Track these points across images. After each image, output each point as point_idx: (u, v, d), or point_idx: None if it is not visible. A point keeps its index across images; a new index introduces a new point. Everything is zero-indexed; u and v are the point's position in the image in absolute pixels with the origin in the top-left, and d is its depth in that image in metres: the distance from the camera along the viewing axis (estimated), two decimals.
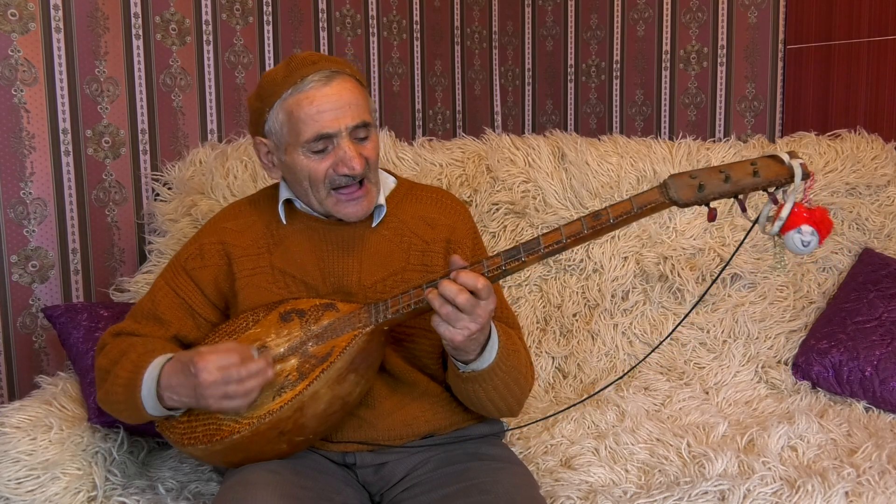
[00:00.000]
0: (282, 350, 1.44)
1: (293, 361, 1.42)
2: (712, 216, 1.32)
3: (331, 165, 1.48)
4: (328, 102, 1.45)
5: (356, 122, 1.47)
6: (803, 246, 1.31)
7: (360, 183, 1.51)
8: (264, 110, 1.50)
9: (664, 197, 1.31)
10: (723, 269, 1.58)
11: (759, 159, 1.32)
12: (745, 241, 2.31)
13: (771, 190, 1.31)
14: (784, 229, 1.30)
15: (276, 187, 1.65)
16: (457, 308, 1.31)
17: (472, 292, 1.31)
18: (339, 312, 1.45)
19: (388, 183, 1.63)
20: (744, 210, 1.32)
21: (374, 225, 1.57)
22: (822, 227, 1.31)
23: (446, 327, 1.33)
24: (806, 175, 1.30)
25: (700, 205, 1.32)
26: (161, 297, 1.59)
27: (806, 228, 1.30)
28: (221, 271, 1.58)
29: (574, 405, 1.87)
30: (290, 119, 1.47)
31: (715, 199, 1.31)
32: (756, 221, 1.35)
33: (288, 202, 1.59)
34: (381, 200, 1.57)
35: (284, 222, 1.58)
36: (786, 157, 1.31)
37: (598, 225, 1.33)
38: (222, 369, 1.34)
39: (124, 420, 1.55)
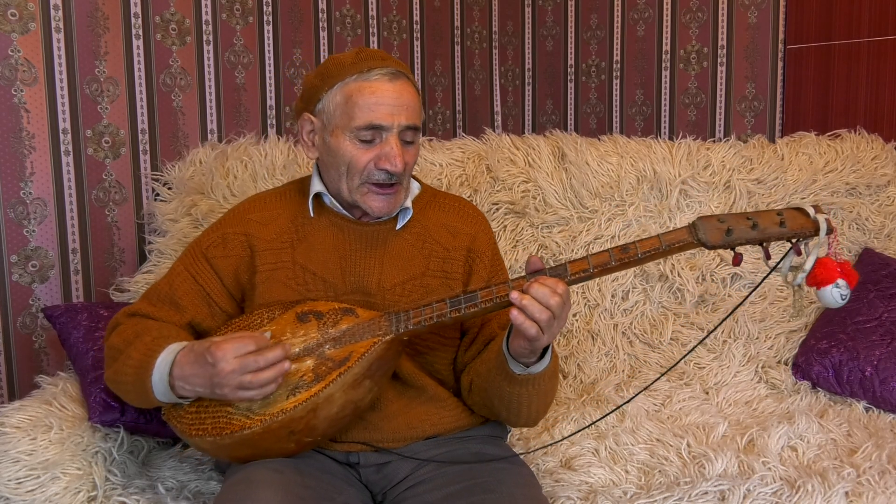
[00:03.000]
0: (297, 350, 1.44)
1: (309, 362, 1.42)
2: (737, 261, 1.36)
3: (372, 158, 1.49)
4: (388, 97, 1.48)
5: (409, 122, 1.50)
6: (842, 299, 1.36)
7: (393, 184, 1.53)
8: (322, 88, 1.52)
9: (692, 238, 1.34)
10: (743, 300, 1.59)
11: (785, 210, 1.36)
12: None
13: (794, 241, 1.35)
14: (819, 284, 1.35)
15: (303, 181, 1.66)
16: (550, 310, 1.31)
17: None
18: (358, 318, 1.46)
19: (412, 188, 1.64)
20: (768, 258, 1.36)
21: (398, 227, 1.58)
22: (851, 279, 1.36)
23: (537, 330, 1.32)
24: (830, 230, 1.34)
25: (726, 248, 1.35)
26: (179, 281, 1.58)
27: (842, 282, 1.35)
28: (243, 262, 1.58)
29: (596, 422, 1.86)
30: (348, 103, 1.49)
31: (741, 244, 1.35)
32: (774, 268, 1.39)
33: (316, 197, 1.60)
34: (408, 203, 1.58)
35: (312, 215, 1.59)
36: (811, 211, 1.35)
37: (625, 258, 1.35)
38: (239, 358, 1.35)
39: (129, 402, 1.55)
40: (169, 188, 2.35)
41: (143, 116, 2.39)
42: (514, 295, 1.32)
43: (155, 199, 2.36)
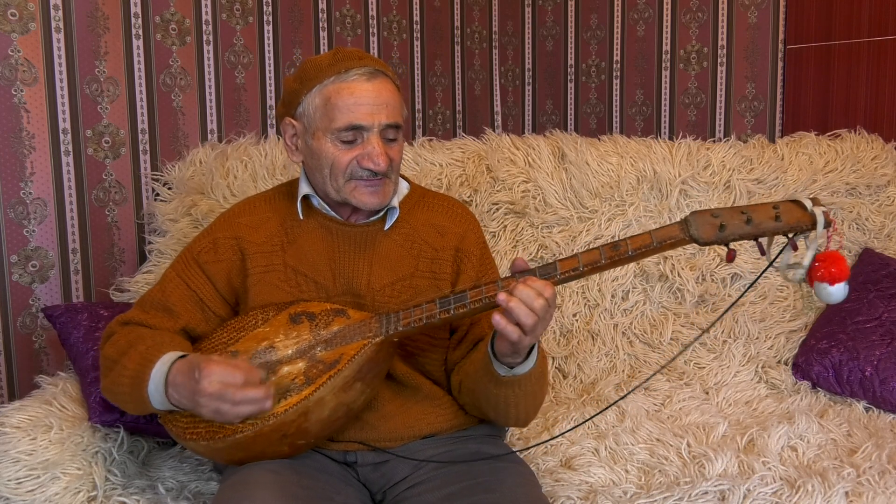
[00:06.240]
0: (290, 352, 1.44)
1: (301, 365, 1.42)
2: (731, 257, 1.31)
3: (355, 157, 1.49)
4: (367, 97, 1.48)
5: (390, 120, 1.50)
6: (847, 294, 1.30)
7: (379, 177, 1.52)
8: (301, 92, 1.52)
9: (684, 234, 1.30)
10: (736, 300, 1.55)
11: (781, 203, 1.31)
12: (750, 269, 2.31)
13: (791, 235, 1.30)
14: (834, 280, 1.28)
15: (291, 184, 1.66)
16: (535, 313, 1.29)
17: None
18: (349, 319, 1.46)
19: (401, 188, 1.63)
20: (763, 253, 1.31)
21: (386, 228, 1.58)
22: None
23: (519, 334, 1.30)
24: (828, 223, 1.28)
25: (720, 244, 1.31)
26: (172, 288, 1.59)
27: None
28: (234, 266, 1.58)
29: (592, 417, 1.86)
30: (327, 105, 1.48)
31: (735, 240, 1.30)
32: (771, 264, 1.34)
33: (304, 199, 1.60)
34: (395, 203, 1.58)
35: (302, 217, 1.59)
36: (809, 204, 1.29)
37: (616, 256, 1.32)
38: (223, 385, 1.34)
39: (127, 410, 1.55)
40: (169, 188, 2.35)
41: (143, 116, 2.39)
42: (501, 297, 1.30)
43: (155, 199, 2.36)
